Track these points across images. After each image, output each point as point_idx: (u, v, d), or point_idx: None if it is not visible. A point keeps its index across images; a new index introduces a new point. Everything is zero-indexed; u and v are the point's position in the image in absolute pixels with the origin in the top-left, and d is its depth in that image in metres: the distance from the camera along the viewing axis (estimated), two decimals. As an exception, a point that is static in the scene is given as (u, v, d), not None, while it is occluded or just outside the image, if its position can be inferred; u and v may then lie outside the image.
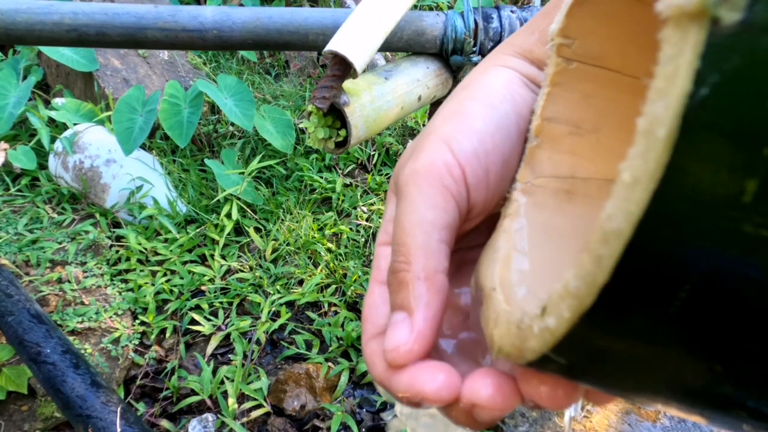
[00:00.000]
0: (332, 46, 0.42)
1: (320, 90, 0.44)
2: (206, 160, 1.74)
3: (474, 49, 0.54)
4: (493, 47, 0.54)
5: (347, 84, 0.46)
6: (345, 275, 1.57)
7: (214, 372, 1.31)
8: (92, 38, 0.50)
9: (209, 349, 1.38)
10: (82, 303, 1.40)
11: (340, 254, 1.63)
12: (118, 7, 0.50)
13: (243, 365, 1.32)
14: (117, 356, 1.30)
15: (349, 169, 1.93)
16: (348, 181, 1.87)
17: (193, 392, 1.26)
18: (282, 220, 1.70)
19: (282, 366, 1.36)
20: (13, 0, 0.48)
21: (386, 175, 1.92)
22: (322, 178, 1.84)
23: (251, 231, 1.66)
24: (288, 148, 1.81)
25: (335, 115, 0.47)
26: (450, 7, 2.36)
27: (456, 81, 0.59)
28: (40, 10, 0.48)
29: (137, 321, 1.42)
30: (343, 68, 0.43)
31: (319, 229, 1.69)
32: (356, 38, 0.43)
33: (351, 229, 1.70)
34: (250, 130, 1.85)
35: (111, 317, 1.38)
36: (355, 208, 1.77)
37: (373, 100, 0.48)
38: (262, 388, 1.26)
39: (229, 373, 1.29)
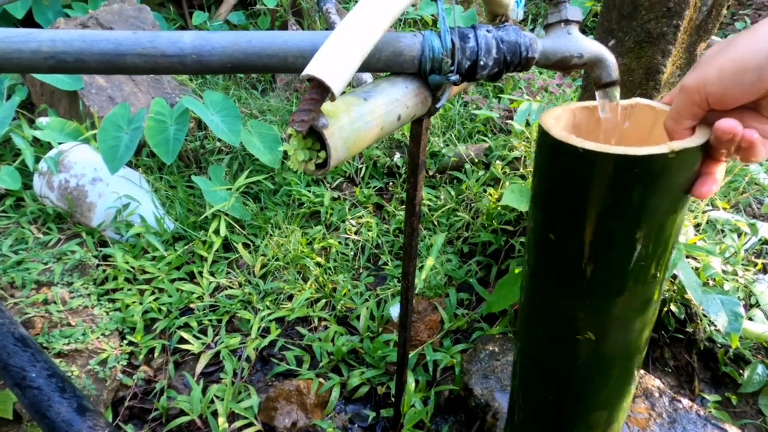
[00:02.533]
0: (309, 70, 0.43)
1: (299, 113, 0.45)
2: (193, 177, 1.74)
3: (452, 68, 0.55)
4: (470, 66, 0.55)
5: (326, 106, 0.47)
6: (334, 289, 1.56)
7: (204, 391, 1.29)
8: (71, 65, 0.50)
9: (198, 368, 1.36)
10: (69, 324, 1.39)
11: (330, 268, 1.62)
12: (97, 34, 0.50)
13: (233, 383, 1.30)
14: (104, 378, 1.28)
15: (337, 182, 1.94)
16: (336, 194, 1.87)
17: (183, 412, 1.25)
18: (270, 235, 1.70)
19: (272, 383, 1.35)
20: (-10, 29, 0.48)
21: (374, 187, 1.92)
22: (310, 192, 1.84)
23: (240, 247, 1.66)
24: (275, 162, 1.81)
25: (315, 137, 0.48)
26: (434, 21, 2.39)
27: (435, 99, 0.60)
28: (17, 38, 0.49)
29: (125, 341, 1.40)
30: (321, 92, 0.43)
31: (307, 244, 1.68)
32: (333, 62, 0.43)
33: (340, 242, 1.70)
34: (237, 146, 1.85)
35: (98, 338, 1.36)
36: (343, 221, 1.77)
37: (353, 122, 0.49)
38: (253, 406, 1.25)
39: (219, 391, 1.28)
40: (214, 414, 1.24)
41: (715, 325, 1.30)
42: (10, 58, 0.49)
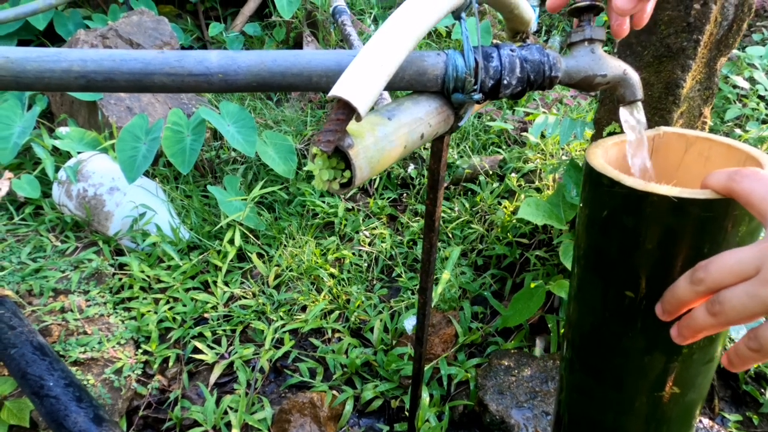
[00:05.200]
0: (336, 91, 0.43)
1: (324, 134, 0.45)
2: (209, 187, 1.75)
3: (475, 87, 0.55)
4: (493, 85, 0.55)
5: (351, 126, 0.47)
6: (348, 301, 1.56)
7: (218, 402, 1.30)
8: (100, 84, 0.51)
9: (212, 378, 1.37)
10: (85, 332, 1.40)
11: (343, 279, 1.62)
12: (126, 54, 0.51)
13: (246, 394, 1.30)
14: (119, 387, 1.29)
15: (351, 193, 1.94)
16: (350, 205, 1.88)
17: (197, 423, 1.25)
18: (284, 245, 1.70)
19: (286, 395, 1.34)
20: (23, 48, 0.49)
21: (388, 198, 1.92)
22: (324, 202, 1.84)
23: (254, 257, 1.66)
24: (290, 173, 1.82)
25: (339, 156, 0.48)
26: (448, 33, 2.40)
27: (457, 117, 0.60)
28: (49, 57, 0.50)
29: (140, 350, 1.41)
30: (347, 112, 0.44)
31: (321, 254, 1.69)
32: (360, 83, 0.43)
33: (353, 253, 1.70)
34: (252, 157, 1.86)
35: (114, 347, 1.37)
36: (357, 232, 1.77)
37: (377, 142, 0.49)
38: (266, 418, 1.25)
39: (233, 402, 1.28)
40: (228, 425, 1.24)
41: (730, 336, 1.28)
42: (42, 77, 0.50)
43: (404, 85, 0.55)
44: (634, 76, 0.57)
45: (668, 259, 0.45)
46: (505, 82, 0.54)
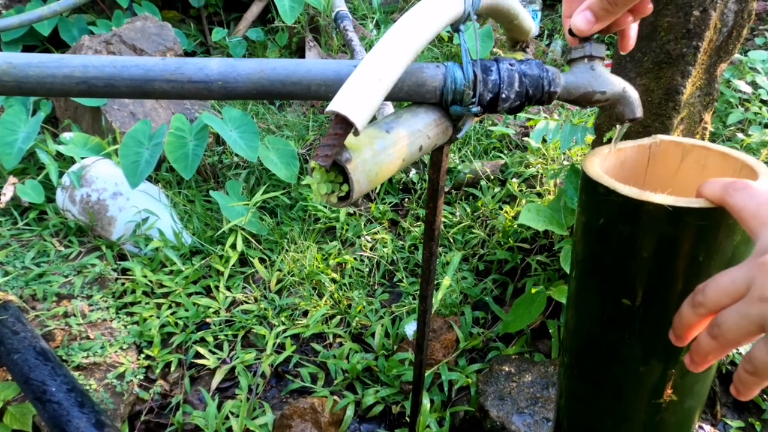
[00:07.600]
0: (334, 106, 0.43)
1: (323, 148, 0.45)
2: (211, 192, 1.76)
3: (473, 99, 0.55)
4: (492, 99, 0.55)
5: (349, 140, 0.48)
6: (349, 306, 1.56)
7: (219, 407, 1.30)
8: (101, 90, 0.52)
9: (214, 383, 1.37)
10: (88, 337, 1.40)
11: (345, 284, 1.63)
12: (127, 60, 0.51)
13: (248, 399, 1.31)
14: (122, 392, 1.29)
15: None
16: (351, 210, 1.88)
17: (198, 428, 1.25)
18: (286, 250, 1.71)
19: (287, 400, 1.35)
20: (26, 54, 0.50)
21: (389, 203, 1.92)
22: (325, 207, 1.85)
23: (256, 261, 1.67)
24: (292, 178, 1.83)
25: (338, 170, 0.48)
26: (450, 39, 2.40)
27: (456, 129, 0.60)
28: (52, 63, 0.50)
29: (142, 355, 1.42)
30: (345, 127, 0.44)
31: (323, 259, 1.69)
32: (357, 98, 0.44)
33: (355, 258, 1.70)
34: (254, 162, 1.87)
35: (116, 351, 1.38)
36: (358, 237, 1.77)
37: (375, 155, 0.49)
38: (268, 423, 1.25)
39: (234, 407, 1.28)
40: (229, 430, 1.24)
41: (738, 349, 1.28)
42: (44, 82, 0.51)
43: (403, 96, 0.56)
44: (634, 94, 0.57)
45: (664, 267, 0.45)
46: (504, 96, 0.55)
